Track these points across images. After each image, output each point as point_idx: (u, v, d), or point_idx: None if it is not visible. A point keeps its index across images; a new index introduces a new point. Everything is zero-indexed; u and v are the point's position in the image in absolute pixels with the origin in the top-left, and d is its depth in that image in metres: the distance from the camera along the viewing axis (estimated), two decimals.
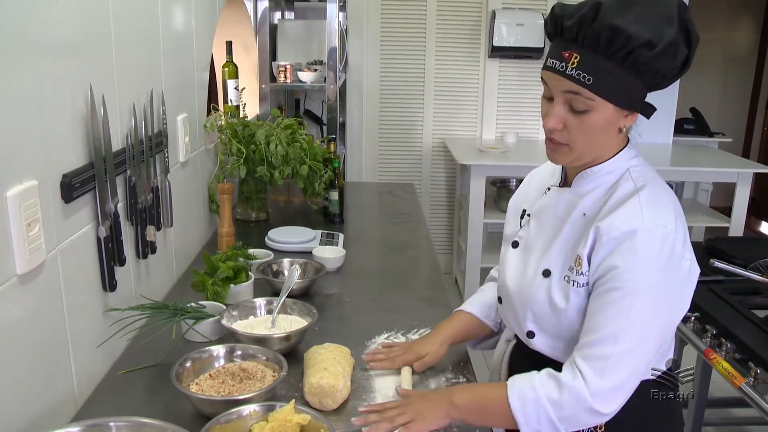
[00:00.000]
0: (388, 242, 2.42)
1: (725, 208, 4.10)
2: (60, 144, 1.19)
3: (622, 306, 1.09)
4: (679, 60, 1.09)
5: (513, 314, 1.32)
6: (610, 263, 1.11)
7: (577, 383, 1.10)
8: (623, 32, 1.05)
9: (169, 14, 1.77)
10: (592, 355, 1.11)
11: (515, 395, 1.14)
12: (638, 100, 1.14)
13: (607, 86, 1.09)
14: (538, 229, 1.29)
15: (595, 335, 1.11)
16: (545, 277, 1.22)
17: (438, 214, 4.65)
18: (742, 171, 3.84)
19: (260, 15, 3.26)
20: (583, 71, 1.09)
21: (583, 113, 1.13)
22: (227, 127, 2.31)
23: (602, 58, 1.08)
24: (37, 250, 1.09)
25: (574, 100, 1.12)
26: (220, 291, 1.64)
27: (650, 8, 1.08)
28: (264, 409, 1.13)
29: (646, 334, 1.11)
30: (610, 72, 1.09)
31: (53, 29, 1.15)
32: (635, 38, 1.05)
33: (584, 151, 1.18)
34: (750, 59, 6.52)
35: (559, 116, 1.15)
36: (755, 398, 1.74)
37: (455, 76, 4.40)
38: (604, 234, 1.12)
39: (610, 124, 1.14)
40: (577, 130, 1.15)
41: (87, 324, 1.31)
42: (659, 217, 1.11)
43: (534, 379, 1.15)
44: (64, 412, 1.22)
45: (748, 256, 2.28)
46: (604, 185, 1.20)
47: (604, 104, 1.11)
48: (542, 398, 1.12)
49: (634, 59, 1.07)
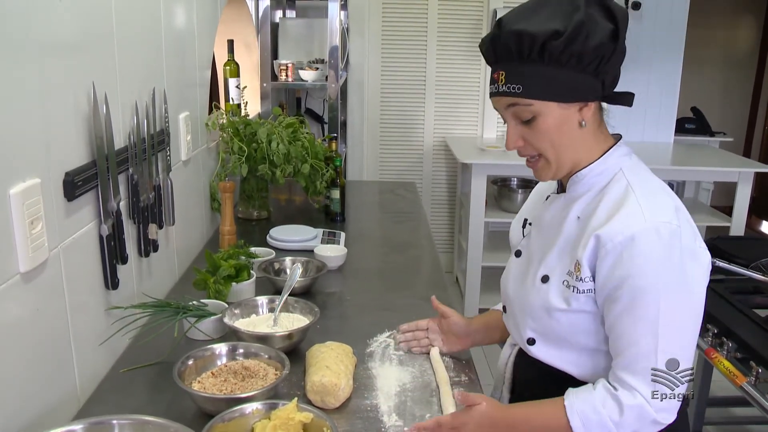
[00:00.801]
0: (389, 241, 2.43)
1: (726, 208, 4.09)
2: (62, 142, 1.19)
3: (649, 315, 1.08)
4: (599, 37, 1.08)
5: (514, 322, 1.32)
6: (622, 273, 1.09)
7: (638, 401, 1.09)
8: (526, 33, 1.08)
9: (170, 13, 1.77)
10: (639, 369, 1.09)
11: (576, 417, 1.12)
12: (582, 89, 1.13)
13: (538, 88, 1.12)
14: (537, 237, 1.29)
15: (633, 349, 1.10)
16: (544, 283, 1.21)
17: (439, 212, 4.65)
18: (743, 170, 3.84)
19: (261, 13, 3.26)
20: (511, 83, 1.13)
21: (532, 121, 1.15)
22: (229, 126, 2.31)
23: (522, 64, 1.12)
24: (40, 248, 1.09)
25: (518, 112, 1.15)
26: (222, 289, 1.64)
27: (558, 5, 1.11)
28: (266, 408, 1.14)
29: (683, 333, 1.11)
30: (536, 74, 1.11)
31: (56, 28, 1.15)
32: (540, 33, 1.07)
33: (558, 158, 1.18)
34: (751, 58, 6.51)
35: (514, 134, 1.18)
36: (756, 397, 1.74)
37: (456, 74, 4.40)
38: (608, 241, 1.10)
39: (563, 122, 1.14)
40: (536, 139, 1.16)
41: (89, 322, 1.31)
42: (661, 216, 1.10)
43: (595, 400, 1.12)
44: (67, 410, 1.23)
45: (750, 256, 2.28)
46: (595, 186, 1.20)
47: (545, 105, 1.13)
48: (606, 420, 1.10)
49: (549, 53, 1.09)
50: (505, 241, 1.45)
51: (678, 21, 4.38)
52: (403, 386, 1.37)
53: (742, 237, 3.80)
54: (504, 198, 4.09)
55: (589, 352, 1.20)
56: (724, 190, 5.01)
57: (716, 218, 4.10)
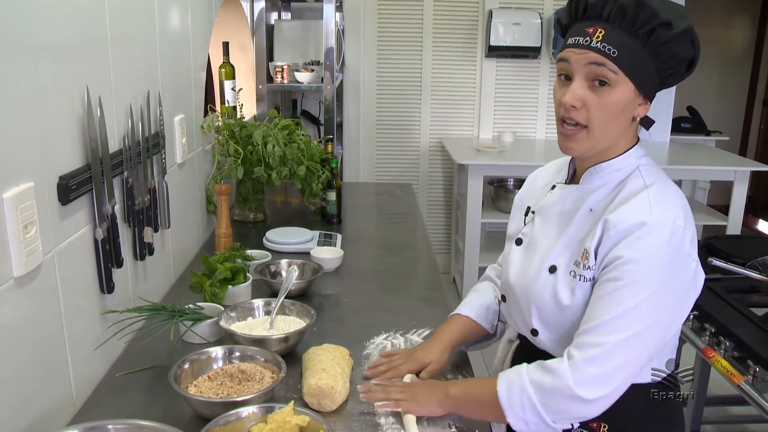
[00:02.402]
0: (386, 242, 2.42)
1: (723, 207, 4.10)
2: (57, 146, 1.18)
3: (622, 296, 1.08)
4: (686, 54, 1.13)
5: (518, 312, 1.31)
6: (616, 254, 1.10)
7: (562, 367, 1.10)
8: (649, 8, 1.09)
9: (165, 15, 1.76)
10: (586, 342, 1.10)
11: (503, 383, 1.15)
12: (653, 87, 1.16)
13: (630, 62, 1.11)
14: (542, 226, 1.29)
15: (591, 323, 1.11)
16: (551, 273, 1.21)
17: (436, 213, 4.65)
18: (739, 169, 3.85)
19: (257, 15, 3.26)
20: (609, 44, 1.11)
21: (604, 88, 1.12)
22: (224, 128, 2.31)
23: (625, 34, 1.11)
24: (34, 253, 1.08)
25: (598, 72, 1.12)
26: (218, 292, 1.63)
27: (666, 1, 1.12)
28: (263, 411, 1.13)
29: (644, 329, 1.09)
30: (632, 49, 1.11)
31: (50, 31, 1.14)
32: (659, 15, 1.09)
33: (600, 136, 1.16)
34: (746, 58, 6.53)
35: (578, 93, 1.14)
36: (754, 396, 1.74)
37: (452, 75, 4.40)
38: (612, 227, 1.12)
39: (627, 106, 1.14)
40: (597, 108, 1.14)
41: (84, 326, 1.31)
42: (668, 213, 1.11)
43: (522, 367, 1.16)
44: (62, 414, 1.22)
45: (746, 255, 2.28)
46: (612, 182, 1.20)
47: (626, 82, 1.12)
48: (526, 383, 1.12)
49: (655, 37, 1.10)
50: (502, 242, 1.45)
51: None
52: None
53: (738, 236, 3.80)
54: (500, 198, 4.09)
55: None
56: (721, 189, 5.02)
57: (713, 217, 4.10)
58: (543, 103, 4.45)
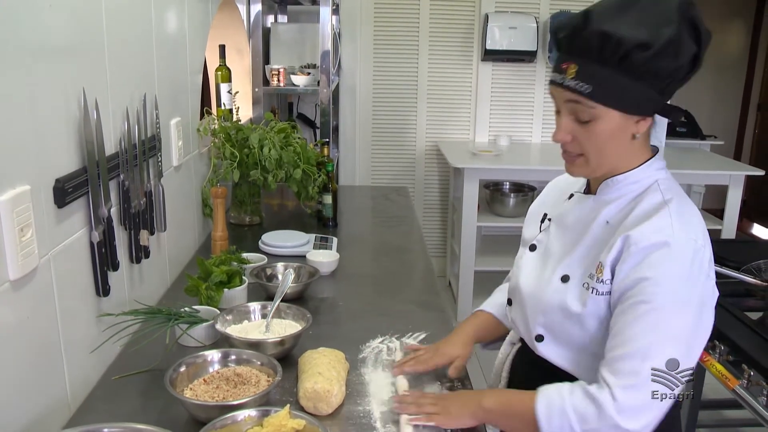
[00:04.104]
0: (381, 246, 2.42)
1: (718, 211, 4.11)
2: (53, 148, 1.18)
3: (651, 320, 1.06)
4: (684, 58, 1.08)
5: (523, 317, 1.30)
6: (640, 275, 1.08)
7: (604, 398, 1.07)
8: (613, 37, 1.05)
9: (162, 18, 1.76)
10: (622, 370, 1.07)
11: (543, 401, 1.12)
12: (648, 104, 1.12)
13: (608, 93, 1.09)
14: (558, 234, 1.28)
15: (623, 350, 1.08)
16: (563, 283, 1.20)
17: (431, 217, 4.66)
18: (734, 173, 3.86)
19: (253, 18, 3.26)
20: (580, 80, 1.10)
21: (589, 123, 1.12)
22: (220, 131, 2.31)
23: (598, 65, 1.08)
24: (30, 256, 1.08)
25: (577, 110, 1.12)
26: (213, 295, 1.63)
27: (649, 10, 1.08)
28: (259, 414, 1.13)
29: (678, 351, 1.07)
30: (609, 79, 1.08)
31: (46, 34, 1.14)
32: (627, 41, 1.05)
33: (599, 162, 1.17)
34: (741, 62, 6.55)
35: (566, 128, 1.15)
36: (749, 400, 1.75)
37: (448, 79, 4.41)
38: (634, 243, 1.09)
39: (619, 131, 1.13)
40: (586, 140, 1.14)
41: (80, 329, 1.30)
42: (690, 232, 1.09)
43: (564, 388, 1.12)
44: (57, 418, 1.22)
45: (741, 259, 2.29)
46: (629, 195, 1.18)
47: (608, 112, 1.10)
48: (568, 407, 1.09)
49: (630, 63, 1.06)
50: (498, 245, 1.45)
51: None
52: (396, 392, 1.36)
53: (733, 240, 3.82)
54: (496, 202, 4.09)
55: (595, 356, 1.18)
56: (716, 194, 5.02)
57: (708, 221, 4.04)
58: (539, 107, 4.46)
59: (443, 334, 1.55)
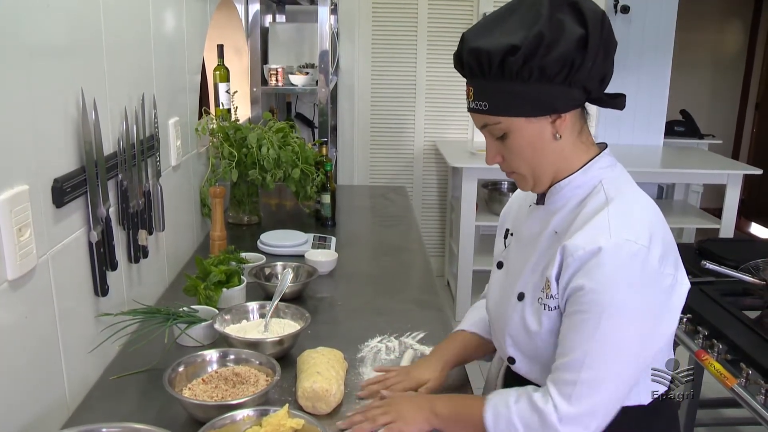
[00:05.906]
0: (380, 245, 2.42)
1: (716, 210, 4.12)
2: (51, 148, 1.18)
3: (588, 329, 1.04)
4: (566, 45, 1.03)
5: (495, 338, 1.30)
6: (576, 284, 1.06)
7: (546, 407, 1.06)
8: (481, 51, 1.07)
9: (160, 18, 1.76)
10: (561, 379, 1.07)
11: (490, 410, 1.12)
12: (555, 101, 1.09)
13: (503, 104, 1.09)
14: (517, 249, 1.26)
15: (563, 359, 1.07)
16: (519, 301, 1.19)
17: (430, 216, 4.66)
18: (732, 173, 3.86)
19: (251, 18, 3.26)
20: (478, 100, 1.12)
21: (504, 138, 1.13)
22: (219, 131, 2.31)
23: (486, 81, 1.10)
24: (28, 256, 1.08)
25: (491, 129, 1.14)
26: (212, 295, 1.63)
27: (525, 15, 1.07)
28: (257, 414, 1.13)
29: (618, 358, 1.06)
30: (499, 90, 1.09)
31: (44, 33, 1.14)
32: (496, 50, 1.05)
33: (534, 173, 1.15)
34: (739, 61, 6.56)
35: (491, 150, 1.17)
36: (747, 399, 1.75)
37: (446, 78, 4.40)
38: (569, 254, 1.07)
39: (536, 137, 1.11)
40: (510, 155, 1.15)
41: (79, 329, 1.30)
42: (628, 233, 1.05)
43: (510, 397, 1.12)
44: (56, 417, 1.22)
45: (739, 258, 2.29)
46: (574, 200, 1.15)
47: (513, 121, 1.10)
48: (514, 417, 1.09)
49: (509, 69, 1.06)
50: None
51: (667, 24, 4.42)
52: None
53: (731, 239, 3.82)
54: (494, 201, 4.10)
55: None
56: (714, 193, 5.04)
57: (706, 220, 4.12)
58: None
59: (442, 333, 1.56)
